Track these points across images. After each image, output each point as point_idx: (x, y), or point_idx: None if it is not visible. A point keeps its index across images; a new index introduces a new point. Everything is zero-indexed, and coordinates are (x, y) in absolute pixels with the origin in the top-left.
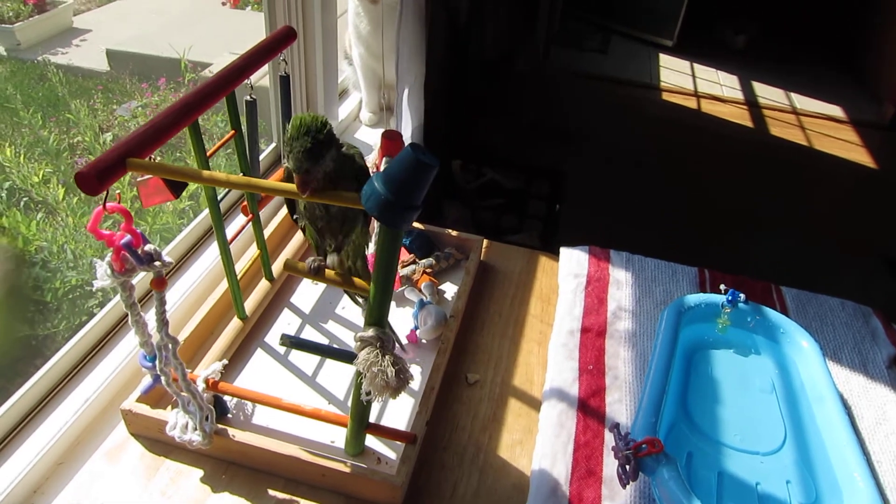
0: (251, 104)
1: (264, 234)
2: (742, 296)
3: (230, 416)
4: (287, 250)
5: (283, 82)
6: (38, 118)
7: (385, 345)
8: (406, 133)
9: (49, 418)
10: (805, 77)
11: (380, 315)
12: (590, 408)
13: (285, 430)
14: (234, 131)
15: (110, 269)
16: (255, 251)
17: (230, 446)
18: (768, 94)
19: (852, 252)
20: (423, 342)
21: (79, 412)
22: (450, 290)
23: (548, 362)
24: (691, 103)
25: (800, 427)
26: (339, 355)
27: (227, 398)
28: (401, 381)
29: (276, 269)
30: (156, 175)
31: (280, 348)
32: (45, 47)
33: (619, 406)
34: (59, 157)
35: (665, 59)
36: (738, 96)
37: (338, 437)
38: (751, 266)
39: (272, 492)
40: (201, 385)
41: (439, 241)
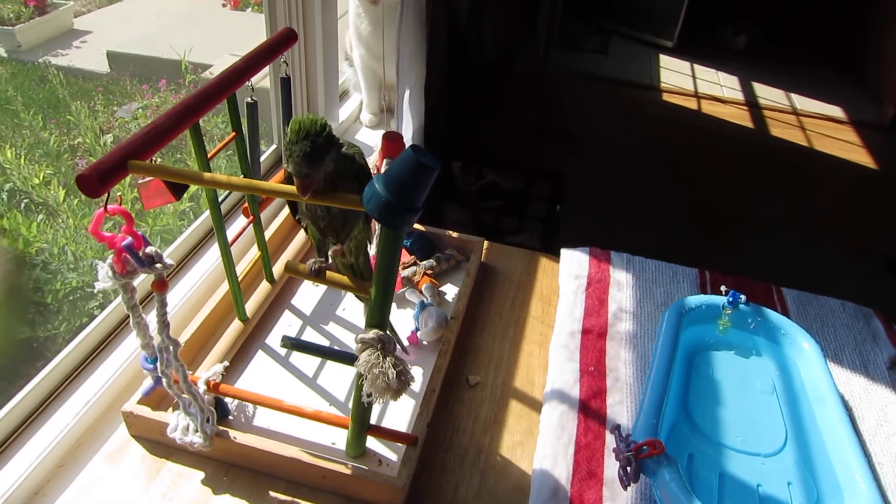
0: (252, 106)
1: (265, 236)
2: (743, 297)
3: (231, 417)
4: (288, 252)
5: (284, 84)
6: (39, 120)
7: (386, 346)
8: (407, 134)
9: (50, 420)
10: (805, 78)
11: (381, 317)
12: (591, 409)
13: (286, 432)
14: (234, 133)
15: (112, 272)
16: (256, 253)
17: (231, 448)
18: (768, 94)
19: (853, 253)
20: (424, 344)
21: (80, 414)
22: (450, 291)
23: (548, 364)
24: (692, 104)
25: (801, 428)
26: (339, 357)
27: (228, 400)
28: (402, 383)
29: (276, 270)
30: (157, 177)
31: (281, 350)
32: (45, 49)
33: (620, 408)
34: (60, 159)
35: (665, 60)
36: (739, 97)
37: (339, 438)
38: (751, 267)
39: (273, 493)
40: (202, 387)
41: (440, 243)
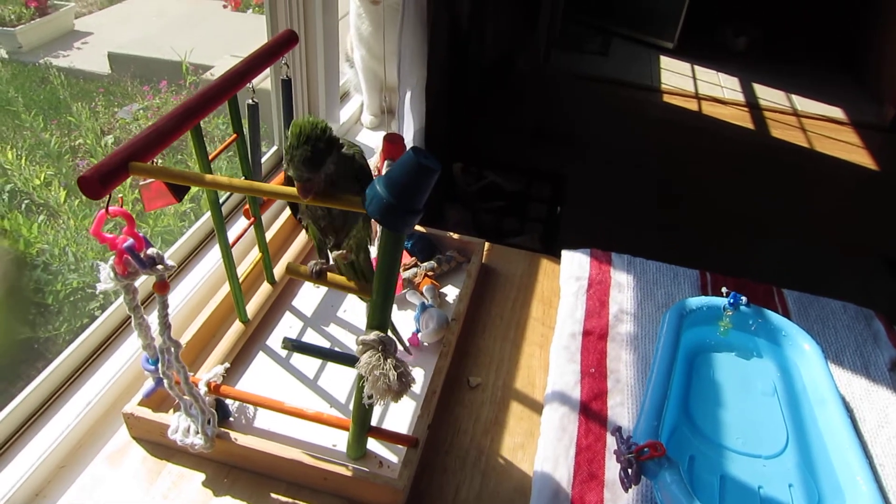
0: (253, 108)
1: (266, 238)
2: (744, 299)
3: (232, 419)
4: (289, 253)
5: (285, 86)
6: (40, 121)
7: (387, 348)
8: (408, 136)
9: (51, 422)
10: (806, 79)
11: (382, 318)
12: (592, 411)
13: (287, 434)
14: (235, 135)
15: (113, 273)
16: (257, 254)
17: (232, 450)
18: (769, 95)
19: (853, 254)
20: (425, 345)
21: (81, 415)
22: (451, 293)
23: (549, 365)
24: (692, 105)
25: (802, 430)
26: (340, 359)
27: (228, 402)
28: (403, 385)
29: (277, 272)
30: (158, 179)
31: (282, 352)
32: (46, 50)
33: (621, 409)
34: (61, 160)
35: (666, 62)
36: (739, 98)
37: (339, 440)
38: (752, 268)
39: (274, 495)
40: (203, 388)
41: (441, 244)
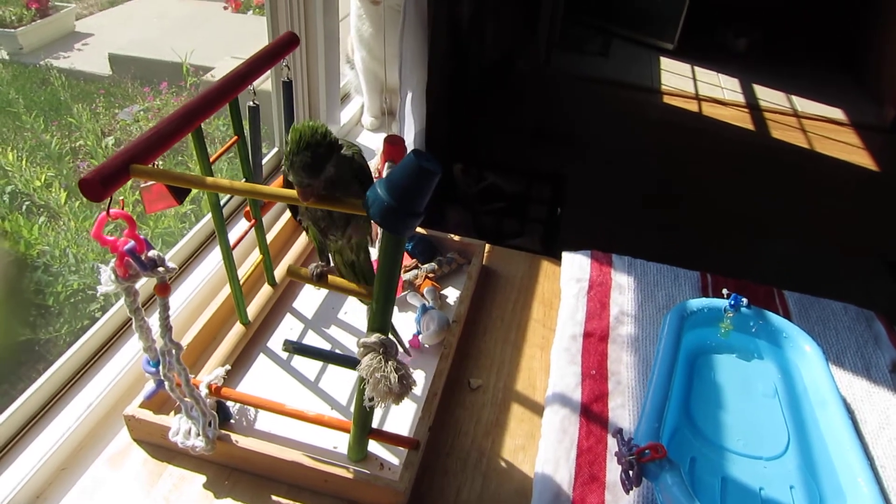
0: (254, 110)
1: (267, 239)
2: (744, 300)
3: (233, 421)
4: (289, 255)
5: (286, 88)
6: (41, 122)
7: (388, 350)
8: (408, 137)
9: (52, 423)
10: (806, 80)
11: (383, 321)
12: (592, 413)
13: (288, 436)
14: (236, 137)
15: (114, 275)
16: (258, 256)
17: (233, 452)
18: (769, 96)
19: (854, 255)
20: (426, 347)
21: (81, 417)
22: (452, 294)
23: (550, 367)
24: (692, 106)
25: (803, 432)
26: (341, 361)
27: (229, 404)
28: (404, 387)
29: (278, 274)
30: (159, 181)
31: (283, 353)
32: (47, 51)
33: (622, 411)
34: (62, 161)
35: (666, 63)
36: (739, 99)
37: (340, 442)
38: (753, 269)
39: (275, 497)
40: (204, 390)
41: (441, 246)
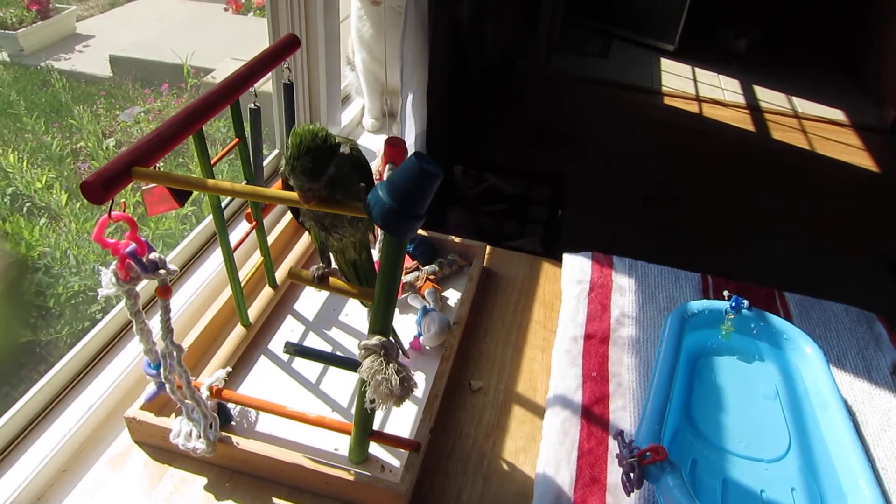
0: (255, 112)
1: (268, 241)
2: (745, 302)
3: (234, 423)
4: (290, 257)
5: (287, 90)
6: (42, 124)
7: (389, 353)
8: (409, 139)
9: (53, 426)
10: (806, 81)
11: (384, 323)
12: (593, 415)
13: (289, 438)
14: (238, 139)
15: (115, 278)
16: (259, 258)
17: (234, 454)
18: (770, 97)
19: (854, 255)
20: (427, 349)
21: (82, 420)
22: (453, 296)
23: (551, 369)
24: (693, 107)
25: (804, 434)
26: (342, 363)
27: (230, 406)
28: (405, 389)
29: (279, 275)
30: (161, 184)
31: (284, 355)
32: (48, 53)
33: (623, 413)
34: (62, 163)
35: (666, 64)
36: (740, 100)
37: (341, 444)
38: (754, 271)
39: (276, 500)
40: (205, 393)
41: (442, 248)
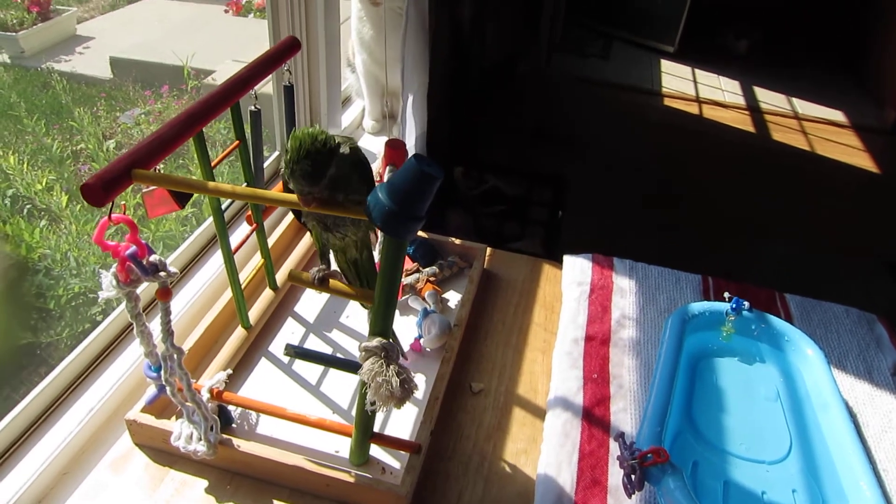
0: (255, 114)
1: (268, 243)
2: (746, 303)
3: (234, 426)
4: (291, 259)
5: (288, 92)
6: (42, 126)
7: (390, 355)
8: (410, 141)
9: (53, 428)
10: (807, 82)
11: (384, 325)
12: (594, 417)
13: (289, 440)
14: (238, 141)
15: (116, 280)
16: (259, 260)
17: (234, 456)
18: (770, 98)
19: (855, 257)
20: (427, 351)
21: (83, 422)
22: (453, 298)
23: (552, 371)
24: (693, 109)
25: (805, 435)
26: (343, 365)
27: (231, 408)
28: (405, 391)
29: (280, 278)
30: (161, 186)
31: (284, 358)
32: (48, 55)
33: (624, 415)
34: (63, 165)
35: (666, 65)
36: (740, 101)
37: (342, 446)
38: (753, 271)
39: (277, 502)
40: (206, 395)
41: (443, 250)
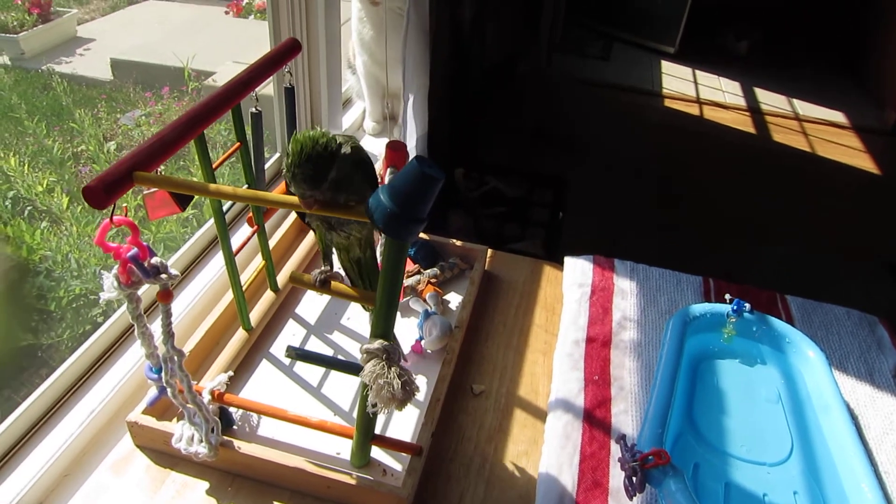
0: (256, 116)
1: (269, 245)
2: (747, 305)
3: (235, 427)
4: (292, 261)
5: (288, 94)
6: (43, 127)
7: (391, 357)
8: (410, 142)
9: (54, 430)
10: (807, 83)
11: (385, 327)
12: (595, 419)
13: (291, 442)
14: (239, 143)
15: (117, 282)
16: (261, 262)
17: (236, 458)
18: (770, 100)
19: (855, 257)
20: (429, 353)
21: (84, 424)
22: (454, 300)
23: (553, 373)
24: (693, 110)
25: (806, 437)
26: (344, 367)
27: (232, 410)
28: (407, 393)
29: (281, 279)
30: (163, 188)
31: (285, 360)
32: (49, 56)
33: (625, 417)
34: (64, 166)
35: (667, 66)
36: (741, 102)
37: (343, 448)
38: (754, 272)
39: None
40: (207, 397)
41: (444, 251)
